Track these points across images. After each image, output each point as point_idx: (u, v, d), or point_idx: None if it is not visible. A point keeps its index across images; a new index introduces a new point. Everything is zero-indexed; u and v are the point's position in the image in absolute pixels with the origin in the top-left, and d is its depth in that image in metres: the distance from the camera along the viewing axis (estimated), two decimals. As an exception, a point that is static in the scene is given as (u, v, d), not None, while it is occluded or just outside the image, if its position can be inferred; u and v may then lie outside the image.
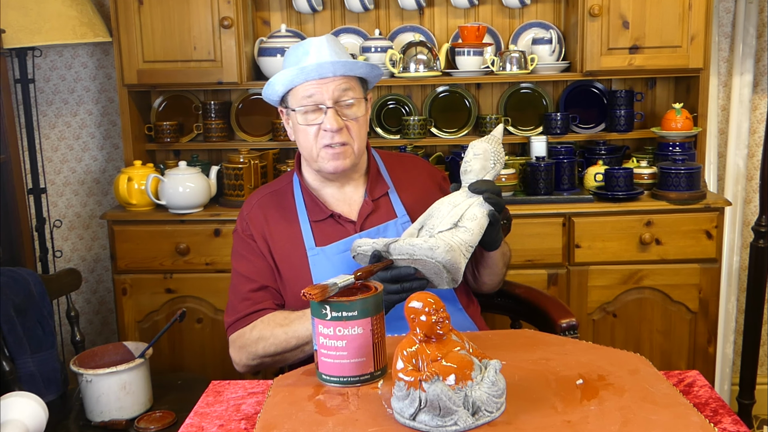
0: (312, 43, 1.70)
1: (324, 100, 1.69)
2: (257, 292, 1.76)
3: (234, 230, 1.86)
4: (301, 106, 1.70)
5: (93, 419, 2.08)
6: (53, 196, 3.20)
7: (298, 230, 1.78)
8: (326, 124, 1.69)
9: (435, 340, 1.19)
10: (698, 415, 1.16)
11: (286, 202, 1.82)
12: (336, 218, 1.78)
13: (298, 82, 1.69)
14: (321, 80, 1.68)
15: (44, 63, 3.12)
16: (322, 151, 1.72)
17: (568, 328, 1.85)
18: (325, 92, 1.69)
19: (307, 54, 1.69)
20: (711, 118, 3.03)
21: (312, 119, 1.71)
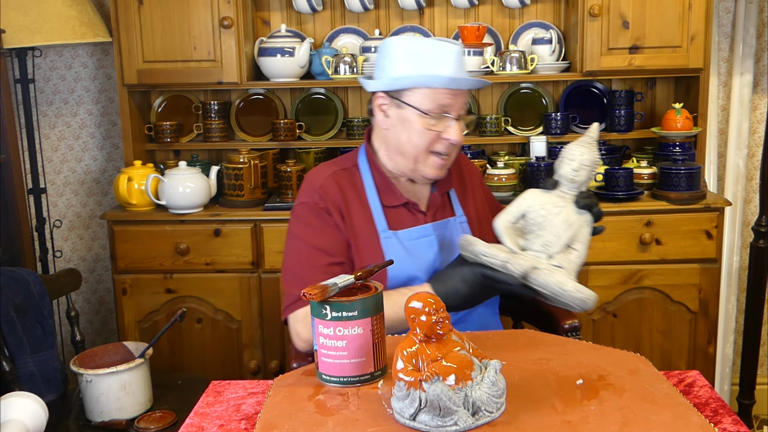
0: (450, 49, 1.67)
1: (453, 110, 1.68)
2: (334, 266, 1.70)
3: (300, 202, 1.77)
4: (429, 110, 1.67)
5: (93, 419, 2.08)
6: (53, 196, 3.20)
7: (369, 211, 1.76)
8: (452, 135, 1.68)
9: (435, 340, 1.19)
10: (698, 415, 1.16)
11: (356, 183, 1.79)
12: (409, 207, 1.78)
13: (436, 86, 1.66)
14: (457, 90, 1.67)
15: (44, 63, 3.12)
16: (431, 158, 1.72)
17: (570, 330, 1.86)
18: (456, 104, 1.68)
19: (447, 59, 1.66)
20: (711, 118, 3.03)
21: (433, 125, 1.68)
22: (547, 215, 1.60)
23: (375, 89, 1.73)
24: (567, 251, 1.59)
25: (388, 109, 1.73)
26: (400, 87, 1.69)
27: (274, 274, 2.72)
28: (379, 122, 1.76)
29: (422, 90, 1.67)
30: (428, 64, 1.67)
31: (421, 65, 1.67)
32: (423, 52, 1.69)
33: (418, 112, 1.68)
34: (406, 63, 1.68)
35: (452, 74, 1.66)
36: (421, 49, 1.69)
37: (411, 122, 1.69)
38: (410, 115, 1.69)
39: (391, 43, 1.72)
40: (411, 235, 1.76)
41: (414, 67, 1.67)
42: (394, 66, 1.69)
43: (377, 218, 1.75)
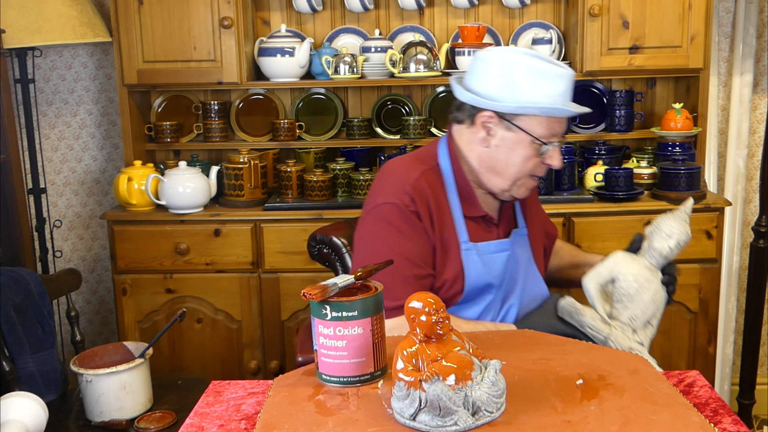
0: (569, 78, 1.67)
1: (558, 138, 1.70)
2: (422, 279, 1.67)
3: (387, 202, 1.68)
4: (541, 136, 1.66)
5: (93, 419, 2.08)
6: (53, 196, 3.20)
7: (452, 219, 1.73)
8: (555, 161, 1.70)
9: (435, 340, 1.19)
10: (698, 415, 1.16)
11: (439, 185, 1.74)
12: (486, 219, 1.78)
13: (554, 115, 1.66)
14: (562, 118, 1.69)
15: (44, 63, 3.12)
16: (527, 179, 1.73)
17: None
18: (562, 131, 1.70)
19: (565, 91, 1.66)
20: (711, 118, 3.03)
21: (537, 150, 1.69)
22: (639, 288, 1.62)
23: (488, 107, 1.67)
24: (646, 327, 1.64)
25: (495, 129, 1.69)
26: (518, 111, 1.65)
27: (274, 274, 2.72)
28: (479, 139, 1.71)
29: (539, 118, 1.66)
30: (548, 91, 1.64)
31: (540, 91, 1.64)
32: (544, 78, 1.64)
33: (530, 137, 1.66)
34: (526, 85, 1.64)
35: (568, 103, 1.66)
36: (541, 75, 1.64)
37: (520, 147, 1.68)
38: (521, 140, 1.67)
39: (507, 61, 1.66)
40: (489, 249, 1.75)
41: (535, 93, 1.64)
42: (514, 90, 1.64)
43: (459, 228, 1.73)
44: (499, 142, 1.69)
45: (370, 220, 1.72)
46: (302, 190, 2.81)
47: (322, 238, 2.16)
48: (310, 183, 2.76)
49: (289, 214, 2.71)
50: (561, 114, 1.67)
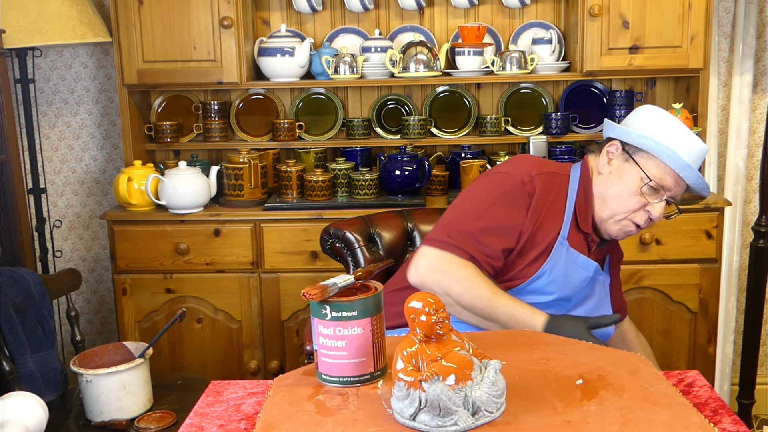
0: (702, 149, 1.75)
1: (669, 194, 1.75)
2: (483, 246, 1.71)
3: (509, 173, 1.80)
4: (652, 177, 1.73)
5: (93, 419, 2.08)
6: (53, 196, 3.20)
7: (560, 220, 1.79)
8: (656, 211, 1.74)
9: (435, 340, 1.19)
10: (698, 415, 1.16)
11: (562, 190, 1.82)
12: (588, 239, 1.83)
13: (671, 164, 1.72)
14: (680, 181, 1.74)
15: (44, 63, 3.12)
16: (625, 222, 1.78)
17: None
18: (675, 190, 1.75)
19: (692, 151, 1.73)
20: (711, 118, 3.03)
21: (646, 193, 1.74)
22: None
23: (617, 136, 1.79)
24: None
25: (614, 159, 1.79)
26: (642, 146, 1.74)
27: (273, 274, 2.72)
28: (599, 165, 1.82)
29: (657, 160, 1.72)
30: (677, 144, 1.72)
31: (671, 140, 1.73)
32: (680, 132, 1.74)
33: (641, 174, 1.73)
34: (661, 131, 1.74)
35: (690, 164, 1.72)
36: (679, 129, 1.75)
37: (629, 181, 1.75)
38: (632, 174, 1.75)
39: (656, 111, 1.79)
40: (577, 259, 1.79)
41: (665, 138, 1.73)
42: (647, 126, 1.74)
43: (565, 225, 1.78)
44: (613, 170, 1.79)
45: (484, 180, 1.84)
46: (302, 190, 2.81)
47: (336, 233, 2.18)
48: (310, 183, 2.76)
49: (289, 214, 2.71)
50: (673, 162, 1.71)
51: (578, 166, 1.87)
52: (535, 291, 1.77)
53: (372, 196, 2.79)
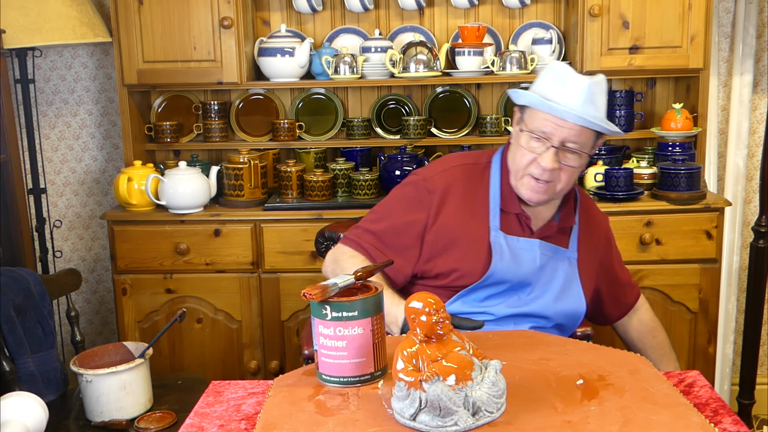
0: (575, 81, 1.72)
1: (553, 138, 1.72)
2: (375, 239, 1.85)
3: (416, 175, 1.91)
4: (531, 130, 1.74)
5: (93, 419, 2.08)
6: (53, 196, 3.20)
7: (486, 208, 1.83)
8: (543, 160, 1.73)
9: (435, 340, 1.19)
10: (698, 416, 1.16)
11: (482, 179, 1.87)
12: (521, 218, 1.84)
13: (540, 109, 1.73)
14: (560, 119, 1.71)
15: (44, 63, 3.12)
16: (526, 178, 1.78)
17: (583, 337, 1.87)
18: (558, 133, 1.72)
19: (564, 88, 1.71)
20: (711, 118, 3.03)
21: (533, 147, 1.75)
22: None
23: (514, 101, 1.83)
24: None
25: (516, 124, 1.83)
26: (524, 103, 1.77)
27: (273, 274, 2.72)
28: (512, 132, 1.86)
29: (534, 110, 1.75)
30: (551, 87, 1.74)
31: (545, 86, 1.75)
32: (558, 75, 1.74)
33: (524, 130, 1.76)
34: (540, 81, 1.78)
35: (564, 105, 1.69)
36: (554, 72, 1.76)
37: (522, 140, 1.77)
38: (519, 132, 1.79)
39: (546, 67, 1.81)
40: (518, 243, 1.81)
41: (540, 87, 1.76)
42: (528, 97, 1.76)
43: (493, 216, 1.82)
44: (514, 135, 1.82)
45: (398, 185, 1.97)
46: (302, 190, 2.81)
47: (330, 235, 2.23)
48: (310, 183, 2.76)
49: (289, 214, 2.71)
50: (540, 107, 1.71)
51: (501, 151, 1.91)
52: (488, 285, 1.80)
53: (372, 196, 2.79)
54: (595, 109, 1.73)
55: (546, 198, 1.80)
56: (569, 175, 1.78)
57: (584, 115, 1.69)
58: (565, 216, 1.89)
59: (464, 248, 1.81)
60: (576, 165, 1.76)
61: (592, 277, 1.93)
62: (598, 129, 1.75)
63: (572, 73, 1.73)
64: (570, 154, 1.74)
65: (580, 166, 1.79)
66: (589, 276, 1.92)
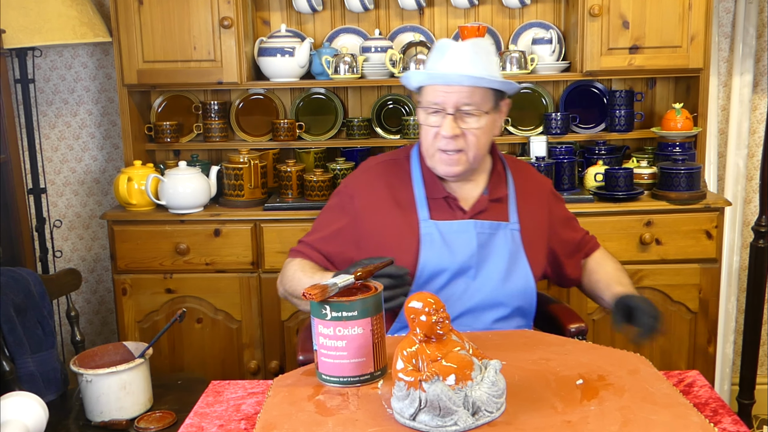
0: (454, 48, 1.75)
1: (446, 106, 1.74)
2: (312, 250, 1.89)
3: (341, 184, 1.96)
4: (426, 106, 1.77)
5: (93, 419, 2.08)
6: (53, 196, 3.20)
7: (412, 200, 1.85)
8: (443, 129, 1.75)
9: (435, 340, 1.19)
10: (698, 415, 1.16)
11: (402, 174, 1.89)
12: (449, 200, 1.84)
13: (427, 83, 1.76)
14: (448, 86, 1.73)
15: (44, 63, 3.12)
16: (437, 154, 1.79)
17: (577, 333, 1.86)
18: (449, 99, 1.74)
19: (444, 57, 1.75)
20: (711, 118, 3.03)
21: (433, 121, 1.77)
22: None
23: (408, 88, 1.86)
24: None
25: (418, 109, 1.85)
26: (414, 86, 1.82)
27: (273, 274, 2.71)
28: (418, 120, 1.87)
29: (425, 88, 1.78)
30: (432, 64, 1.78)
31: (429, 65, 1.80)
32: (434, 49, 1.80)
33: (420, 108, 1.80)
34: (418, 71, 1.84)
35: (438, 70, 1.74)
36: (435, 48, 1.80)
37: (423, 119, 1.80)
38: (420, 112, 1.81)
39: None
40: (451, 228, 1.81)
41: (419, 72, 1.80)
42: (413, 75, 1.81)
43: (420, 207, 1.83)
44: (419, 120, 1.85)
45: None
46: (302, 190, 2.81)
47: None
48: (310, 183, 2.76)
49: (289, 214, 2.71)
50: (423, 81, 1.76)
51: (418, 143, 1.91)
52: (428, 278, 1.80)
53: (372, 196, 2.79)
54: (479, 68, 1.73)
55: (461, 169, 1.80)
56: (477, 138, 1.77)
57: (468, 73, 1.72)
58: (494, 187, 1.89)
59: (395, 245, 1.80)
60: (478, 126, 1.77)
61: (542, 244, 1.92)
62: (486, 85, 1.75)
63: (452, 43, 1.77)
64: (468, 117, 1.76)
65: (486, 128, 1.79)
66: (539, 244, 1.90)
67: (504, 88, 1.80)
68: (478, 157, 1.81)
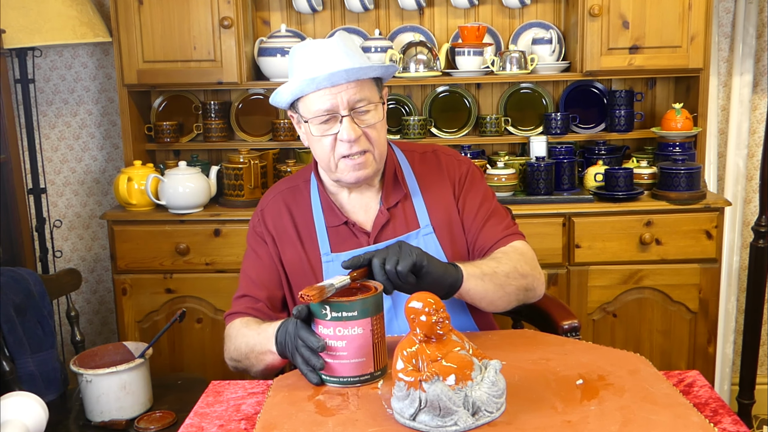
0: (321, 47, 1.57)
1: (339, 109, 1.56)
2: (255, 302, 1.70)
3: (252, 220, 1.77)
4: (314, 116, 1.57)
5: (93, 419, 2.08)
6: (53, 196, 3.20)
7: (314, 233, 1.69)
8: (343, 133, 1.56)
9: (435, 340, 1.19)
10: (698, 415, 1.16)
11: (303, 202, 1.73)
12: (350, 226, 1.68)
13: (309, 91, 1.56)
14: (334, 87, 1.55)
15: (44, 63, 3.12)
16: (341, 162, 1.61)
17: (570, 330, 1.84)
18: (340, 101, 1.55)
19: (316, 59, 1.55)
20: (711, 118, 3.03)
21: (327, 129, 1.58)
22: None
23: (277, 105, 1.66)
24: None
25: (299, 125, 1.67)
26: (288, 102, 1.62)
27: (274, 274, 2.72)
28: (302, 140, 1.69)
29: (303, 99, 1.59)
30: (300, 71, 1.57)
31: (297, 74, 1.58)
32: (295, 57, 1.61)
33: (308, 122, 1.59)
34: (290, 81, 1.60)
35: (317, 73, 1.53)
36: (295, 55, 1.61)
37: (309, 132, 1.61)
38: (308, 127, 1.61)
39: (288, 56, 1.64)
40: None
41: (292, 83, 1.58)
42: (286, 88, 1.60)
43: (321, 240, 1.68)
44: (304, 136, 1.66)
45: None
46: (302, 190, 2.81)
47: None
48: (310, 183, 2.76)
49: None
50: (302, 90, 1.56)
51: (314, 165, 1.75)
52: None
53: (372, 196, 2.78)
54: (356, 58, 1.57)
55: (371, 170, 1.62)
56: (379, 133, 1.61)
57: (352, 66, 1.54)
58: (388, 193, 1.69)
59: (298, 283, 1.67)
60: (376, 120, 1.60)
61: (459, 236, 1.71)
62: (374, 74, 1.59)
63: (315, 42, 1.58)
64: (363, 114, 1.58)
65: (383, 120, 1.63)
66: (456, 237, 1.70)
67: (388, 73, 1.63)
68: (383, 153, 1.65)
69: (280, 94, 1.60)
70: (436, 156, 1.78)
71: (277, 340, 1.45)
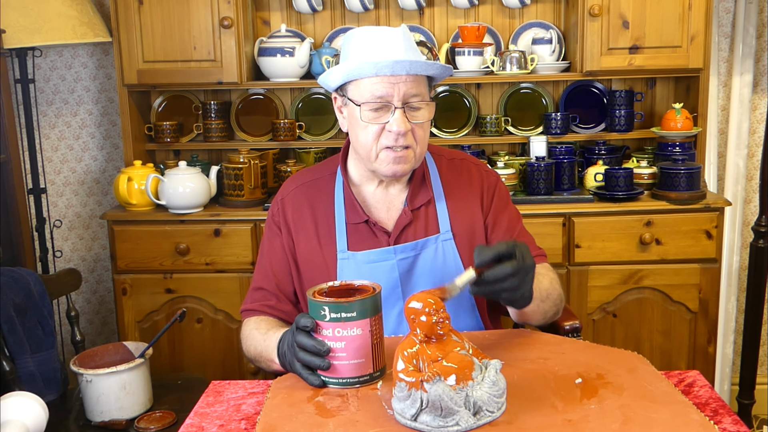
0: (386, 34, 1.55)
1: (393, 99, 1.54)
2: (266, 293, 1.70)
3: (269, 209, 1.76)
4: (367, 101, 1.55)
5: (93, 419, 2.08)
6: (53, 196, 3.20)
7: (333, 229, 1.67)
8: (393, 125, 1.54)
9: (435, 340, 1.19)
10: (698, 413, 1.16)
11: (325, 197, 1.70)
12: (371, 225, 1.66)
13: (366, 75, 1.54)
14: (393, 77, 1.53)
15: (44, 63, 3.12)
16: (383, 153, 1.59)
17: (571, 331, 1.85)
18: (396, 91, 1.54)
19: (379, 45, 1.54)
20: (711, 118, 3.03)
21: (376, 117, 1.56)
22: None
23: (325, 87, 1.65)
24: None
25: (343, 108, 1.65)
26: (340, 81, 1.59)
27: (274, 274, 2.72)
28: (341, 125, 1.68)
29: (356, 82, 1.57)
30: (358, 54, 1.56)
31: (352, 52, 1.57)
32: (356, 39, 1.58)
33: (359, 106, 1.56)
34: (344, 53, 1.59)
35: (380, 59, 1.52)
36: (357, 37, 1.59)
37: (356, 117, 1.58)
38: (354, 111, 1.58)
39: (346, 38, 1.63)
40: (369, 258, 1.64)
41: (348, 56, 1.58)
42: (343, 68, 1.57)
43: (339, 237, 1.66)
44: (349, 120, 1.63)
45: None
46: (302, 190, 2.81)
47: None
48: (310, 183, 2.76)
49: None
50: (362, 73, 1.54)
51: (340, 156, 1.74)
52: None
53: (372, 196, 2.78)
54: (417, 53, 1.57)
55: (409, 167, 1.61)
56: (425, 132, 1.60)
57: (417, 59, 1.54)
58: (414, 194, 1.68)
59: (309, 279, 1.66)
60: (425, 118, 1.59)
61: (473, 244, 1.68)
62: (434, 72, 1.59)
63: (373, 28, 1.57)
64: (416, 111, 1.57)
65: (430, 120, 1.62)
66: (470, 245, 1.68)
67: (445, 74, 1.62)
68: (423, 153, 1.63)
69: (334, 73, 1.58)
70: (464, 164, 1.78)
71: (279, 352, 1.46)
